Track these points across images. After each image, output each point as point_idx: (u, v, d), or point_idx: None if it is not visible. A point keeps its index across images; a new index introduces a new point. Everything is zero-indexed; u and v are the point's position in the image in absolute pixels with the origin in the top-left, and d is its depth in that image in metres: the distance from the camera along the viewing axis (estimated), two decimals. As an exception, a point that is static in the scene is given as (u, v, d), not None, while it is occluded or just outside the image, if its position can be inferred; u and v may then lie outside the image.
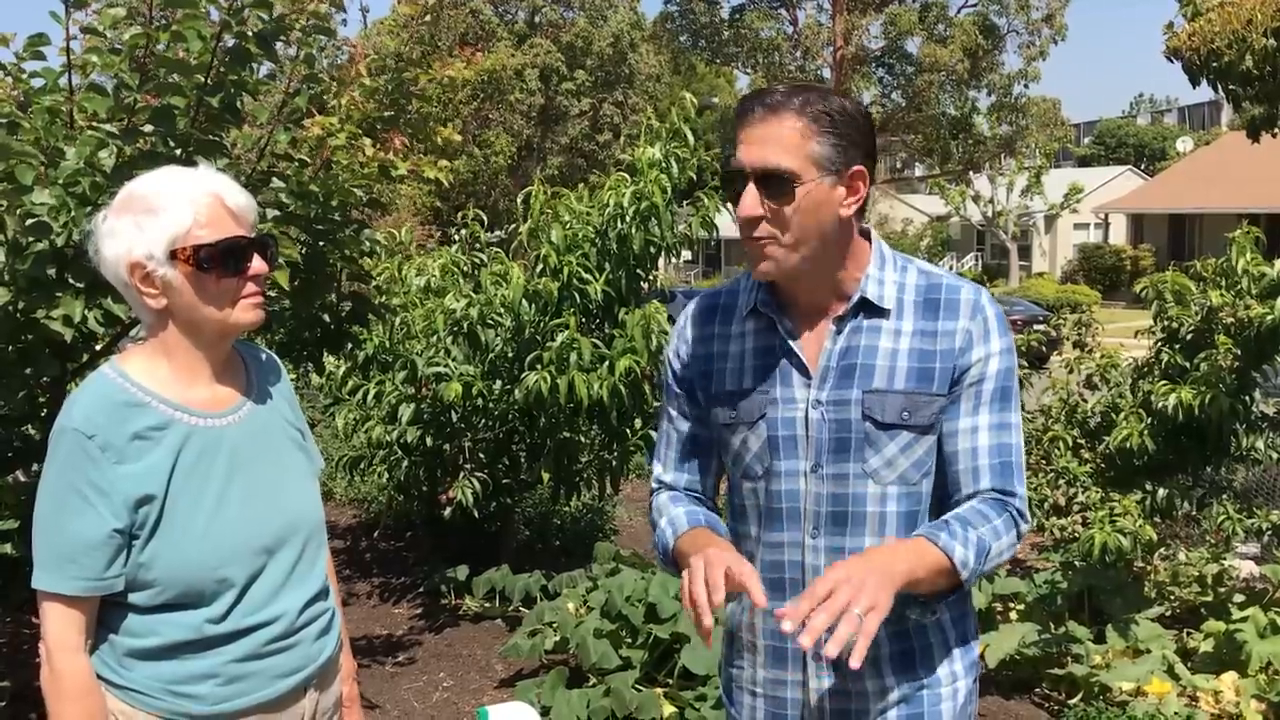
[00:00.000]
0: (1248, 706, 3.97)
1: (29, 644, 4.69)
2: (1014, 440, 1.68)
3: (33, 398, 3.19)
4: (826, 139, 1.57)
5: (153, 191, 1.66)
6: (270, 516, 1.74)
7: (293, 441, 1.86)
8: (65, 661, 1.61)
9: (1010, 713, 4.19)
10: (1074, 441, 4.94)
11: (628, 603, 4.18)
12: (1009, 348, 1.68)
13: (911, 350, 1.65)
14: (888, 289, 1.68)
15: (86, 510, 1.59)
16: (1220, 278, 4.58)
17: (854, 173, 1.61)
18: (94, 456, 1.59)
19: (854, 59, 30.49)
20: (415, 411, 5.05)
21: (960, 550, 1.57)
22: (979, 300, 1.67)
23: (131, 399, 1.65)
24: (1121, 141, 54.80)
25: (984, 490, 1.66)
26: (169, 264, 1.63)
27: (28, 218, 2.69)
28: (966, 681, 1.76)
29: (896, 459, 1.65)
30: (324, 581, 1.86)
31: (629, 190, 5.00)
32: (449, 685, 4.41)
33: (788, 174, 1.56)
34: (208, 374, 1.73)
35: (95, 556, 1.60)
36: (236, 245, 1.66)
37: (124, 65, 2.87)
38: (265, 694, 1.72)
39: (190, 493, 1.66)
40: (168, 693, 1.65)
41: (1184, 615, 4.81)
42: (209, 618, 1.66)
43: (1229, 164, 30.34)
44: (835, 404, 1.65)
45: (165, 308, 1.67)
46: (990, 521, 1.63)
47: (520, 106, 28.88)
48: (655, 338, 4.82)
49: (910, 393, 1.64)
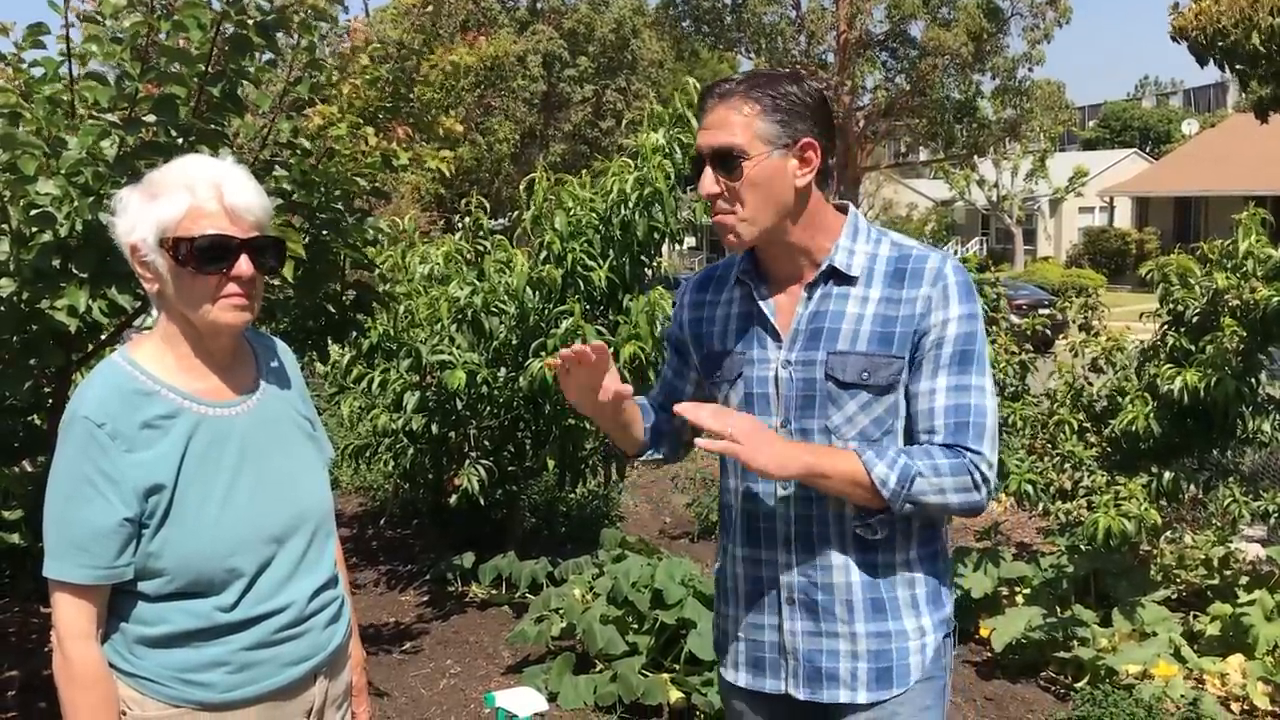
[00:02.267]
0: (1254, 689, 3.97)
1: (37, 634, 4.71)
2: (973, 401, 1.73)
3: (38, 388, 3.19)
4: (771, 117, 1.71)
5: (160, 178, 1.65)
6: (280, 506, 1.74)
7: (302, 431, 1.86)
8: (76, 649, 1.62)
9: (1016, 696, 4.20)
10: (1079, 425, 4.93)
11: (634, 589, 4.19)
12: (971, 313, 1.75)
13: (875, 315, 1.75)
14: (857, 258, 1.79)
15: (97, 499, 1.59)
16: (1226, 260, 4.56)
17: (803, 144, 1.72)
18: (104, 445, 1.59)
19: (858, 43, 30.32)
20: (420, 399, 5.06)
21: (881, 468, 1.68)
22: (942, 268, 1.75)
23: (141, 387, 1.65)
24: (1126, 124, 54.54)
25: (939, 445, 1.73)
26: (157, 251, 1.63)
27: (31, 208, 2.69)
28: (936, 636, 1.84)
29: (856, 416, 1.76)
30: (333, 570, 1.86)
31: (632, 176, 4.98)
32: (456, 672, 4.43)
33: (736, 150, 1.71)
34: (215, 363, 1.73)
35: (105, 545, 1.59)
36: (220, 243, 1.62)
37: (125, 54, 2.86)
38: (275, 682, 1.72)
39: (200, 482, 1.66)
40: (178, 681, 1.65)
41: (1190, 598, 4.81)
42: (219, 606, 1.66)
43: (1235, 146, 30.21)
44: (803, 364, 1.78)
45: (159, 293, 1.67)
46: (932, 459, 1.71)
47: (523, 93, 28.79)
48: (660, 324, 4.81)
49: (870, 354, 1.74)
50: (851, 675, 1.80)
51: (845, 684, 1.80)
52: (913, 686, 1.80)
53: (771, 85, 1.73)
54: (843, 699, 1.80)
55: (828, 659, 1.80)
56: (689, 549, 5.94)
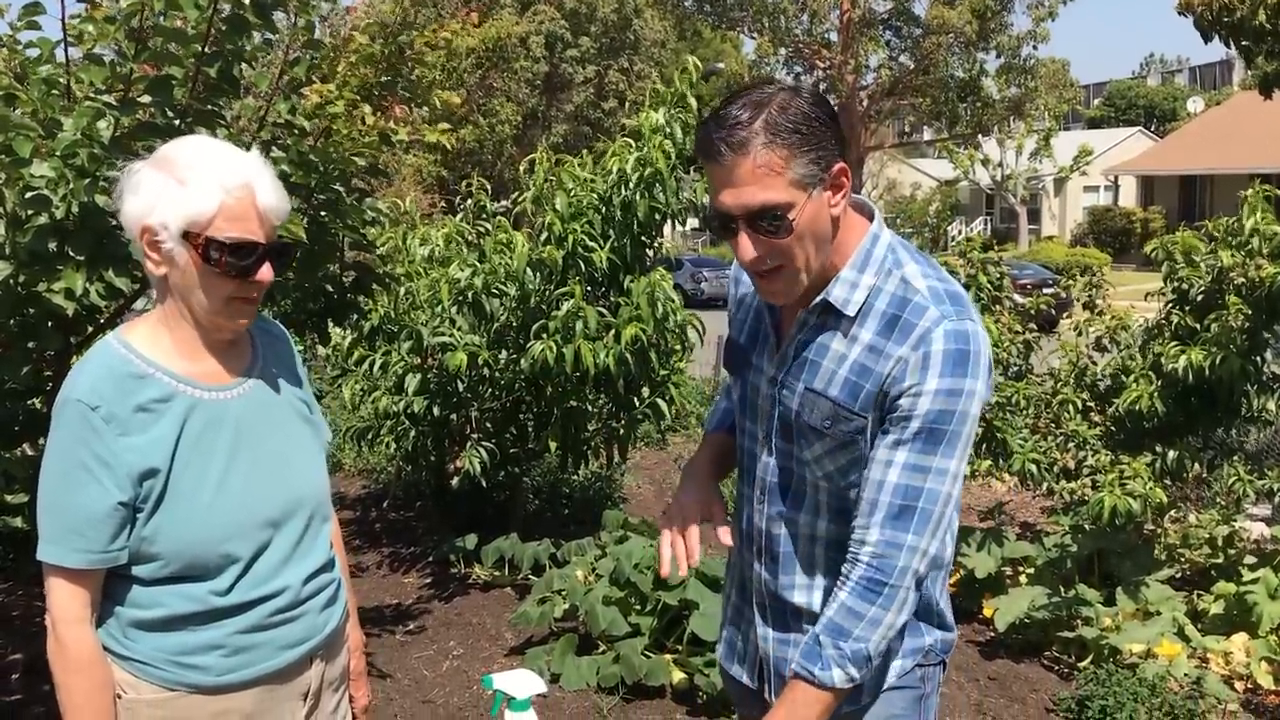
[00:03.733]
0: (1258, 667, 3.97)
1: (40, 617, 4.72)
2: (928, 485, 1.57)
3: (37, 371, 3.18)
4: (804, 157, 1.50)
5: (190, 162, 1.60)
6: (275, 490, 1.73)
7: (299, 415, 1.84)
8: (70, 633, 1.61)
9: (1020, 675, 4.20)
10: (1083, 404, 4.92)
11: (636, 570, 4.19)
12: (952, 389, 1.55)
13: (856, 362, 1.61)
14: (857, 293, 1.62)
15: (90, 483, 1.57)
16: (1231, 237, 4.54)
17: (836, 172, 1.55)
18: (98, 428, 1.57)
19: (861, 21, 30.13)
20: (422, 382, 5.04)
21: (840, 674, 1.58)
22: (932, 331, 1.55)
23: (136, 370, 1.63)
24: (1131, 103, 54.25)
25: (869, 536, 1.59)
26: (180, 241, 1.60)
27: (27, 190, 2.67)
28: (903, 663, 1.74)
29: (822, 459, 1.67)
30: (329, 554, 1.85)
31: (633, 157, 4.95)
32: (459, 653, 4.43)
33: (779, 209, 1.51)
34: (212, 347, 1.71)
35: (99, 529, 1.58)
36: (250, 249, 1.62)
37: (120, 34, 2.84)
38: (270, 665, 1.71)
39: (194, 466, 1.64)
40: (172, 664, 1.65)
41: (1194, 577, 4.81)
42: (213, 590, 1.65)
43: (1240, 124, 30.06)
44: (786, 389, 1.70)
45: (165, 278, 1.64)
46: (863, 616, 1.58)
47: (525, 74, 28.68)
48: (661, 305, 4.79)
49: (837, 403, 1.62)
50: None
51: None
52: (882, 693, 1.73)
53: (787, 117, 1.49)
54: None
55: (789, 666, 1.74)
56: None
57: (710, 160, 1.53)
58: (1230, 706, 3.76)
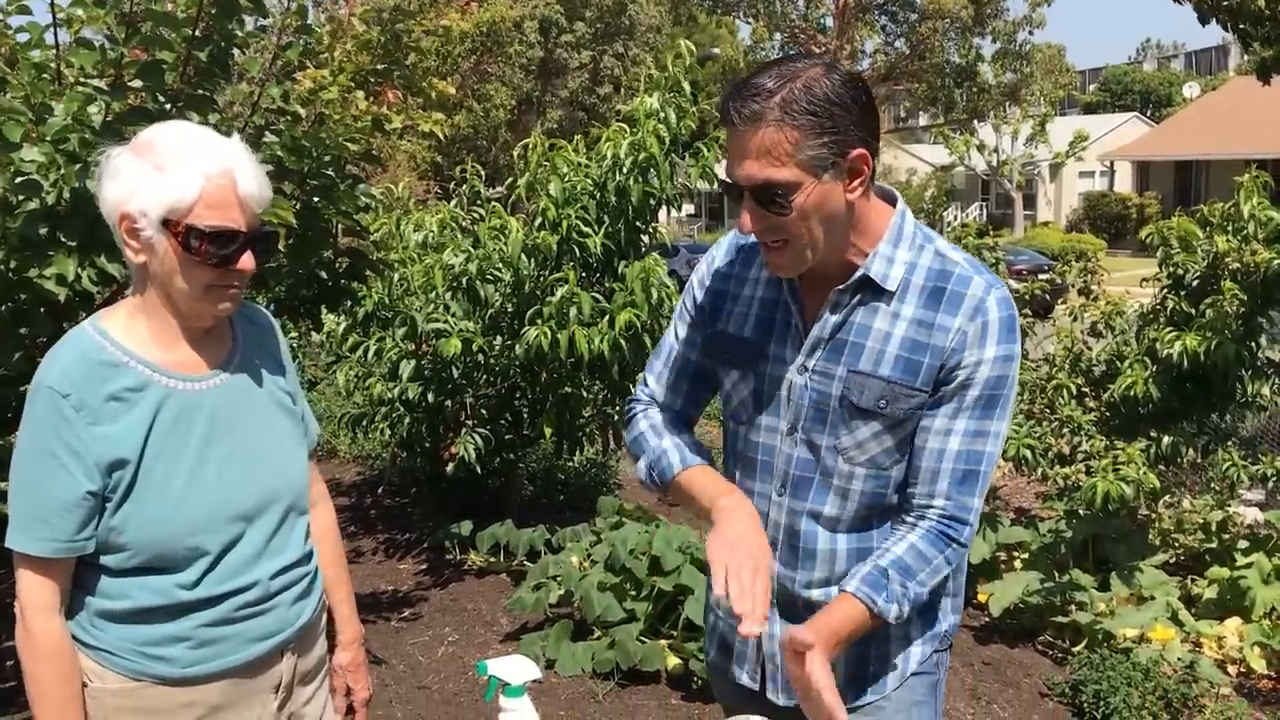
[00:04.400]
0: (1251, 652, 3.98)
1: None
2: (987, 449, 1.62)
3: (29, 359, 3.17)
4: (816, 139, 1.48)
5: (170, 149, 1.57)
6: (249, 484, 1.70)
7: (280, 406, 1.80)
8: (38, 622, 1.59)
9: (1014, 660, 4.21)
10: (1078, 390, 4.92)
11: (631, 556, 4.19)
12: (1008, 355, 1.59)
13: (905, 338, 1.60)
14: (895, 269, 1.61)
15: (59, 472, 1.55)
16: (1227, 223, 4.53)
17: (854, 158, 1.52)
18: (68, 417, 1.55)
19: (857, 6, 30.06)
20: (416, 368, 5.04)
21: (895, 610, 1.59)
22: (985, 300, 1.58)
23: (110, 359, 1.60)
24: (1127, 88, 54.17)
25: (936, 501, 1.63)
26: (160, 229, 1.57)
27: (17, 175, 2.66)
28: (922, 649, 1.75)
29: (868, 443, 1.64)
30: (304, 548, 1.81)
31: (626, 142, 4.93)
32: (454, 640, 4.44)
33: (782, 187, 1.49)
34: (189, 335, 1.67)
35: (67, 519, 1.56)
36: (231, 237, 1.59)
37: (110, 19, 2.82)
38: (238, 658, 1.69)
39: (166, 458, 1.61)
40: (138, 654, 1.63)
41: (1188, 562, 4.82)
42: (180, 583, 1.63)
43: (1236, 109, 30.03)
44: (820, 375, 1.64)
45: (144, 265, 1.61)
46: (930, 562, 1.62)
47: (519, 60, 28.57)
48: (656, 291, 4.78)
49: (892, 381, 1.60)
50: None
51: None
52: (904, 683, 1.74)
53: (808, 96, 1.46)
54: None
55: None
56: (686, 516, 5.95)
57: (725, 125, 1.53)
58: (1223, 690, 3.78)
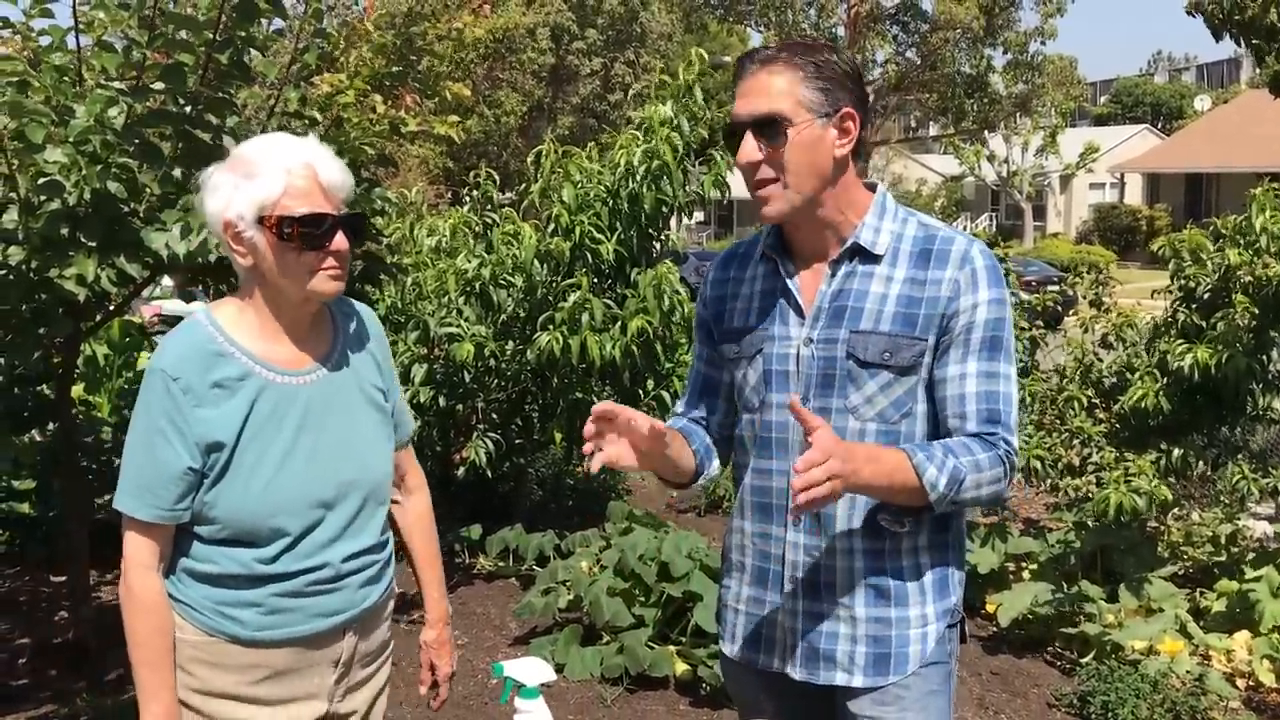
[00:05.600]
0: (1260, 665, 3.97)
1: (48, 602, 4.75)
2: (1002, 389, 1.73)
3: (47, 358, 3.20)
4: (814, 84, 1.69)
5: (254, 156, 1.73)
6: (331, 473, 1.82)
7: (371, 402, 1.92)
8: (138, 578, 1.74)
9: (1022, 671, 4.21)
10: (1088, 401, 4.91)
11: (640, 561, 4.20)
12: (999, 298, 1.74)
13: (900, 295, 1.73)
14: (883, 236, 1.77)
15: (166, 446, 1.71)
16: (1239, 236, 4.53)
17: (843, 114, 1.71)
18: (176, 397, 1.70)
19: (868, 16, 30.10)
20: (428, 372, 5.05)
21: (932, 471, 1.65)
22: (969, 251, 1.74)
23: (218, 349, 1.75)
24: (1138, 100, 54.08)
25: (971, 433, 1.73)
26: (256, 228, 1.71)
27: (39, 176, 2.69)
28: (938, 626, 1.81)
29: (876, 397, 1.74)
30: (380, 535, 1.94)
31: (640, 149, 4.96)
32: (464, 643, 4.45)
33: (780, 117, 1.68)
34: (293, 331, 1.81)
35: (170, 489, 1.72)
36: (321, 220, 1.72)
37: (132, 22, 2.85)
38: (303, 629, 1.82)
39: (259, 444, 1.75)
40: (215, 613, 1.77)
41: (1197, 575, 4.81)
42: (259, 558, 1.77)
43: (1248, 122, 29.97)
44: (824, 342, 1.76)
45: (253, 266, 1.75)
46: (974, 454, 1.70)
47: (531, 66, 28.63)
48: (667, 298, 4.80)
49: (893, 335, 1.72)
50: (849, 658, 1.78)
51: (842, 666, 1.79)
52: (917, 671, 1.78)
53: (813, 53, 1.71)
54: (839, 681, 1.79)
55: (825, 640, 1.79)
56: (696, 522, 5.96)
57: (739, 76, 1.74)
58: (1232, 704, 3.77)
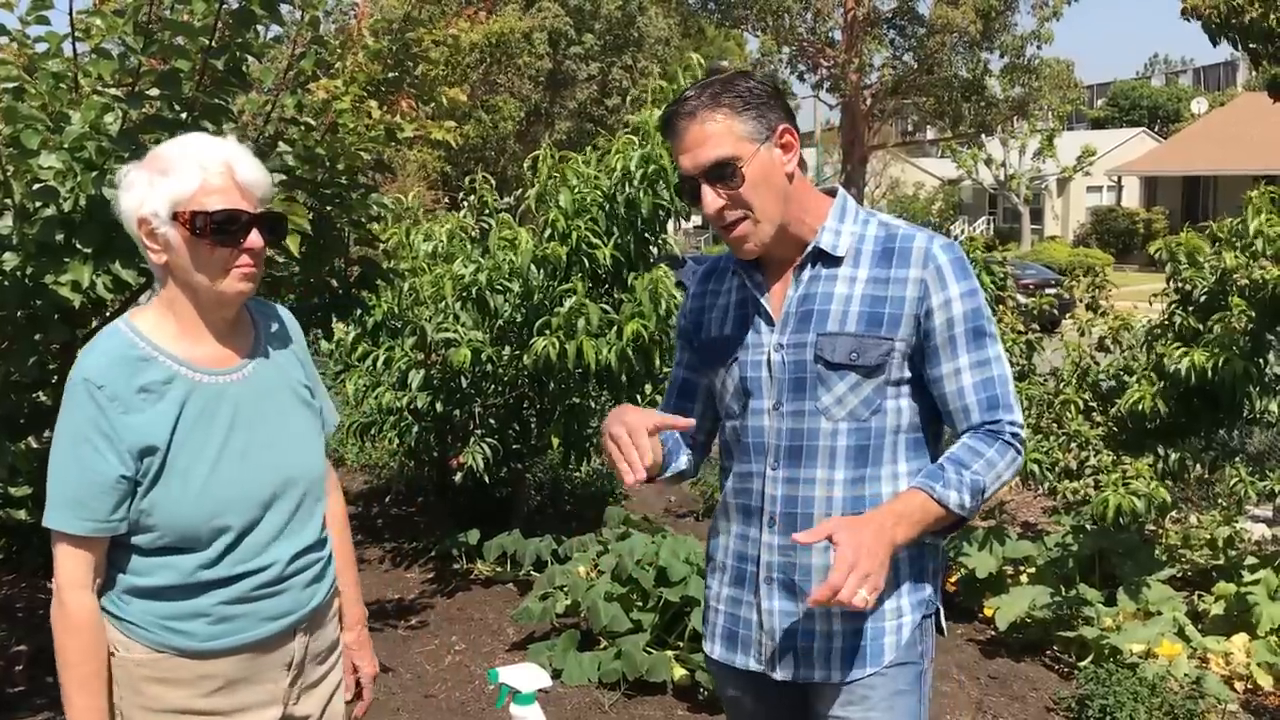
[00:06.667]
0: (1258, 669, 3.97)
1: (44, 609, 4.72)
2: (995, 372, 1.79)
3: (43, 364, 3.19)
4: (746, 115, 1.73)
5: (170, 154, 1.73)
6: (267, 471, 1.81)
7: (299, 398, 1.92)
8: (73, 597, 1.71)
9: (1020, 674, 4.20)
10: (1085, 404, 4.92)
11: (638, 566, 4.20)
12: (970, 289, 1.78)
13: (864, 295, 1.78)
14: (844, 239, 1.81)
15: (95, 457, 1.68)
16: (1235, 239, 4.54)
17: (780, 131, 1.75)
18: (103, 406, 1.68)
19: (865, 20, 30.11)
20: (425, 377, 5.05)
21: (954, 496, 1.71)
22: (930, 248, 1.77)
23: (141, 354, 1.73)
24: (1135, 103, 54.08)
25: (975, 425, 1.78)
26: (170, 224, 1.70)
27: (35, 182, 2.69)
28: (913, 618, 1.83)
29: (846, 397, 1.78)
30: (320, 533, 1.93)
31: (637, 154, 4.96)
32: (461, 648, 4.44)
33: (728, 160, 1.72)
34: (214, 331, 1.80)
35: (102, 500, 1.69)
36: (235, 217, 1.71)
37: (128, 28, 2.85)
38: (253, 635, 1.80)
39: (191, 446, 1.74)
40: (161, 628, 1.75)
41: (1195, 578, 4.81)
42: (201, 563, 1.75)
43: (1244, 125, 30.02)
44: (794, 346, 1.80)
45: (166, 264, 1.74)
46: (983, 455, 1.75)
47: (528, 71, 28.65)
48: (664, 302, 4.80)
49: (859, 335, 1.76)
50: (825, 655, 1.81)
51: (820, 664, 1.81)
52: (886, 669, 1.80)
53: (733, 86, 1.74)
54: (817, 678, 1.82)
55: (803, 638, 1.82)
56: (693, 527, 5.95)
57: (671, 135, 1.77)
58: (1230, 707, 3.77)
